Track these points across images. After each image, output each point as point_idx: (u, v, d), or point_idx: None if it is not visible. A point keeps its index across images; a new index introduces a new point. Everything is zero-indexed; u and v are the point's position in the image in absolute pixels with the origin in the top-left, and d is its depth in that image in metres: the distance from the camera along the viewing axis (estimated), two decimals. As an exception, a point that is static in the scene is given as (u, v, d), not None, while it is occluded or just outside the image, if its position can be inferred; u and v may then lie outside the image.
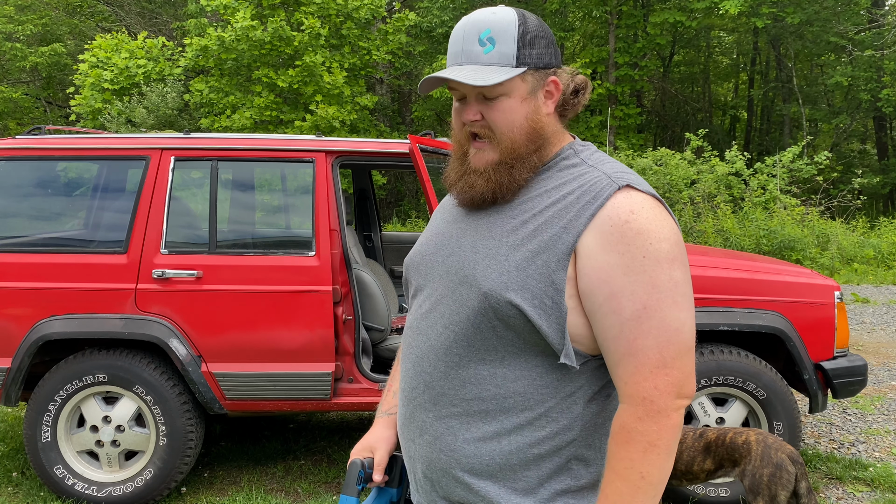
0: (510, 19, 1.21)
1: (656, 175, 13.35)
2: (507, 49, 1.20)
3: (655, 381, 1.13)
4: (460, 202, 1.29)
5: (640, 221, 1.14)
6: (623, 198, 1.16)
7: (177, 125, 15.25)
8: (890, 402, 5.23)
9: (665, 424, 1.14)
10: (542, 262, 1.16)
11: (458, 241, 1.28)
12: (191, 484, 3.78)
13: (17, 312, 3.46)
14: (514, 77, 1.20)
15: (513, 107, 1.21)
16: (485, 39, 1.21)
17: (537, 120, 1.23)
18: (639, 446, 1.13)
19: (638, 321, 1.13)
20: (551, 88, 1.25)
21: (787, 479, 2.62)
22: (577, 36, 22.17)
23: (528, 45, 1.21)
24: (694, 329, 1.18)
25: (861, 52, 18.06)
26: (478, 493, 1.22)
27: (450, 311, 1.24)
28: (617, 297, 1.14)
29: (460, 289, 1.23)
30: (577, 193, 1.19)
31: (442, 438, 1.24)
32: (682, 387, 1.15)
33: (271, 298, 3.49)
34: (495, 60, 1.20)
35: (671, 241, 1.15)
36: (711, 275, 3.54)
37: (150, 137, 3.68)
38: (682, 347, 1.15)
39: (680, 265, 1.16)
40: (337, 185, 3.67)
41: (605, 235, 1.14)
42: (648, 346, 1.13)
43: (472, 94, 1.23)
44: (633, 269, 1.13)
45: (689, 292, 1.17)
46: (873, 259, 12.45)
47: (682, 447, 2.89)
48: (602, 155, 1.28)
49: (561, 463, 1.20)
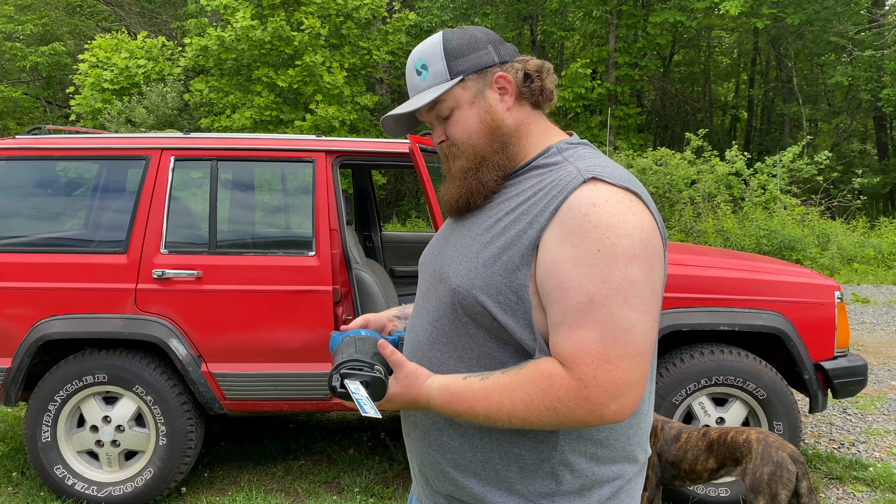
0: (436, 42, 1.28)
1: (656, 175, 13.35)
2: (438, 68, 1.27)
3: (595, 371, 1.08)
4: (445, 210, 1.35)
5: (599, 215, 1.10)
6: (587, 190, 1.13)
7: (177, 125, 15.25)
8: (890, 402, 5.23)
9: (580, 415, 1.09)
10: (507, 258, 1.17)
11: (445, 242, 1.34)
12: (191, 484, 3.78)
13: (17, 312, 3.46)
14: (451, 89, 1.26)
15: (464, 116, 1.27)
16: (419, 68, 1.29)
17: (493, 118, 1.26)
18: (545, 399, 1.10)
19: (582, 312, 1.09)
20: (502, 83, 1.27)
21: (787, 478, 2.62)
22: (577, 36, 22.18)
23: (457, 55, 1.26)
24: (649, 336, 1.10)
25: (861, 51, 18.05)
26: (463, 488, 1.23)
27: (433, 307, 1.28)
28: (564, 286, 1.10)
29: (439, 286, 1.28)
30: (546, 189, 1.18)
31: (430, 433, 1.27)
32: (624, 393, 1.08)
33: (271, 298, 3.49)
34: (431, 82, 1.28)
35: (633, 238, 1.10)
36: (711, 275, 3.54)
37: (150, 137, 3.68)
38: (631, 350, 1.08)
39: (640, 264, 1.10)
40: (337, 185, 3.67)
41: (563, 228, 1.12)
42: (591, 337, 1.08)
43: (432, 119, 1.31)
44: (584, 262, 1.09)
45: (647, 294, 1.10)
46: (873, 259, 12.45)
47: (687, 446, 2.89)
48: (588, 151, 1.26)
49: (544, 466, 1.19)
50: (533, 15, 20.89)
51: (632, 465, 1.24)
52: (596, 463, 1.20)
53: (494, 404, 1.13)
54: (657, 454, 2.95)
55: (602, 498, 1.20)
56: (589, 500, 1.20)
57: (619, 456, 1.22)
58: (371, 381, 1.18)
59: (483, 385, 1.14)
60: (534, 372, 1.12)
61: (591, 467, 1.19)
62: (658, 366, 3.49)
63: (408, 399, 1.20)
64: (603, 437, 1.20)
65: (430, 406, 1.19)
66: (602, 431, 1.20)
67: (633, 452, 1.24)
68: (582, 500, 1.19)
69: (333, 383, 1.19)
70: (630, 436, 1.23)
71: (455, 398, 1.16)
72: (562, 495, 1.19)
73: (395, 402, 1.21)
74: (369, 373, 1.19)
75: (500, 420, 1.13)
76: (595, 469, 1.20)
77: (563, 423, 1.11)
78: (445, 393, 1.17)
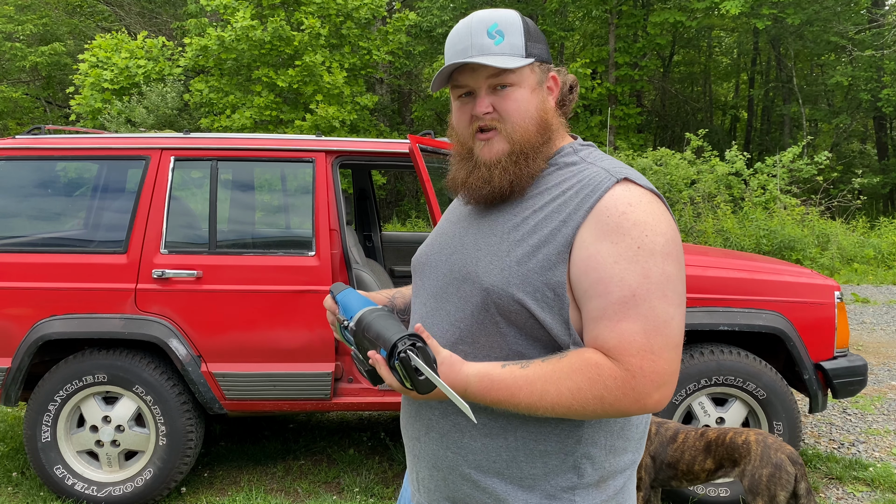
0: (514, 15, 1.26)
1: (656, 175, 13.36)
2: (517, 40, 1.23)
3: (642, 361, 1.10)
4: (474, 199, 1.28)
5: (637, 213, 1.14)
6: (622, 190, 1.17)
7: (177, 125, 15.25)
8: (890, 402, 5.23)
9: (626, 403, 1.11)
10: (543, 256, 1.17)
11: (461, 240, 1.30)
12: (191, 484, 3.78)
13: (17, 312, 3.46)
14: (525, 66, 1.23)
15: (525, 96, 1.24)
16: (493, 32, 1.23)
17: (546, 111, 1.27)
18: (593, 388, 1.11)
19: (624, 306, 1.11)
20: (552, 84, 1.29)
21: (786, 480, 2.62)
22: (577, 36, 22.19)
23: (533, 38, 1.25)
24: (683, 329, 1.15)
25: (861, 51, 18.06)
26: (485, 489, 1.22)
27: (454, 308, 1.25)
28: (605, 282, 1.12)
29: (463, 286, 1.24)
30: (576, 188, 1.20)
31: (449, 435, 1.25)
32: (665, 382, 1.12)
33: (271, 298, 3.49)
34: (507, 51, 1.23)
35: (667, 237, 1.14)
36: (711, 275, 3.54)
37: (150, 137, 3.68)
38: (670, 341, 1.12)
39: (674, 261, 1.14)
40: (337, 185, 3.67)
41: (600, 225, 1.14)
42: (634, 330, 1.11)
43: (484, 86, 1.24)
44: (625, 258, 1.12)
45: (681, 290, 1.15)
46: (873, 259, 12.45)
47: (684, 447, 2.89)
48: (601, 153, 1.29)
49: (567, 460, 1.20)
50: (533, 15, 20.88)
51: (637, 455, 1.28)
52: (614, 454, 1.22)
53: (538, 392, 1.12)
54: (650, 456, 2.94)
55: (616, 489, 1.23)
56: (606, 492, 1.22)
57: (631, 446, 1.25)
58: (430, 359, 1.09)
59: (525, 373, 1.14)
60: (579, 361, 1.12)
61: (609, 458, 1.22)
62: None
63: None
64: (618, 428, 1.22)
65: (467, 394, 1.16)
66: (619, 422, 1.22)
67: (640, 443, 1.28)
68: (599, 492, 1.22)
69: (402, 355, 1.07)
70: (641, 426, 1.26)
71: (496, 385, 1.14)
72: (583, 488, 1.21)
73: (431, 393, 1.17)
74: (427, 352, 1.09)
75: (543, 408, 1.13)
76: (612, 460, 1.22)
77: (608, 412, 1.13)
78: (485, 380, 1.15)
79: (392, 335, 1.10)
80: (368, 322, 1.18)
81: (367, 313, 1.20)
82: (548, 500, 1.20)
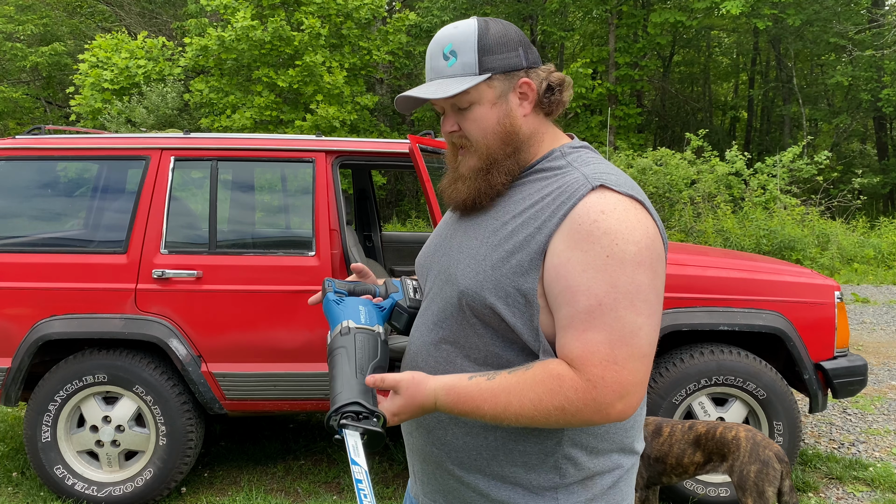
0: (470, 30, 1.25)
1: (656, 175, 13.35)
2: (469, 59, 1.24)
3: (603, 371, 1.10)
4: (451, 207, 1.35)
5: (608, 221, 1.13)
6: (596, 198, 1.16)
7: (177, 125, 15.24)
8: (890, 402, 5.23)
9: (587, 414, 1.12)
10: (516, 261, 1.18)
11: (449, 243, 1.34)
12: (191, 484, 3.78)
13: (17, 312, 3.46)
14: (478, 84, 1.24)
15: (484, 113, 1.25)
16: (448, 53, 1.26)
17: (511, 123, 1.26)
18: (554, 399, 1.12)
19: (590, 315, 1.11)
20: (525, 90, 1.26)
21: (773, 476, 2.71)
22: (577, 36, 22.19)
23: (490, 51, 1.24)
24: (653, 339, 1.14)
25: (861, 51, 18.06)
26: (468, 484, 1.25)
27: (438, 308, 1.29)
28: (572, 290, 1.13)
29: (446, 287, 1.28)
30: (553, 195, 1.20)
31: (434, 432, 1.28)
32: (628, 392, 1.12)
33: (271, 298, 3.49)
34: (458, 71, 1.25)
35: (640, 245, 1.13)
36: (711, 275, 3.54)
37: (150, 137, 3.68)
38: (636, 351, 1.12)
39: (646, 270, 1.13)
40: (337, 185, 3.67)
41: (572, 234, 1.14)
42: (598, 340, 1.11)
43: (446, 106, 1.28)
44: (593, 267, 1.12)
45: (652, 299, 1.14)
46: (873, 259, 12.45)
47: (671, 440, 2.91)
48: (591, 156, 1.28)
49: (548, 460, 1.21)
50: (533, 15, 20.90)
51: (629, 455, 1.28)
52: (596, 455, 1.23)
53: (502, 404, 1.14)
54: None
55: (604, 487, 1.24)
56: (592, 489, 1.23)
57: (617, 447, 1.25)
58: (371, 435, 1.14)
59: (490, 385, 1.15)
60: (542, 372, 1.13)
61: (591, 460, 1.22)
62: (658, 366, 3.49)
63: (415, 406, 1.19)
64: (602, 431, 1.23)
65: (437, 407, 1.19)
66: (601, 426, 1.23)
67: (630, 444, 1.28)
68: (585, 490, 1.23)
69: (332, 423, 1.14)
70: (627, 429, 1.27)
71: (462, 398, 1.16)
72: (565, 487, 1.22)
73: (404, 415, 1.20)
74: (370, 426, 1.13)
75: (508, 419, 1.15)
76: (595, 461, 1.23)
77: (570, 422, 1.14)
78: (451, 393, 1.17)
79: (334, 398, 1.16)
80: (330, 354, 1.23)
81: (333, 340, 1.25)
82: (530, 496, 1.22)
